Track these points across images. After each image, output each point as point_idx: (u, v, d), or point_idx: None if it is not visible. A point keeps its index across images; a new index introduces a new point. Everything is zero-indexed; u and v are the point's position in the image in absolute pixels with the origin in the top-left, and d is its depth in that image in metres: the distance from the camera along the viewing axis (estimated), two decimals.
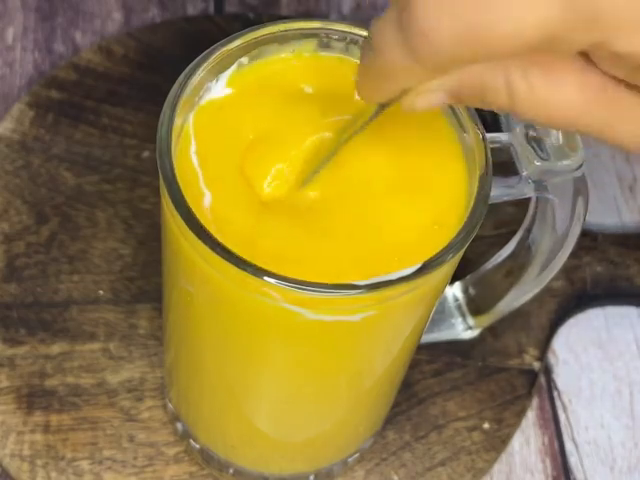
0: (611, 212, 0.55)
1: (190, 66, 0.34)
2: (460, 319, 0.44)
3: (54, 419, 0.46)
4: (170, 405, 0.45)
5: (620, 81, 0.28)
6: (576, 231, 0.38)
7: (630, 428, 0.49)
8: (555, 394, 0.49)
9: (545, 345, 0.50)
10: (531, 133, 0.34)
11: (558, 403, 0.49)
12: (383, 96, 0.29)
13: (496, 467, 0.47)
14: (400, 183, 0.34)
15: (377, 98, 0.30)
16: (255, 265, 0.30)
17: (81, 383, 0.47)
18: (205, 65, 0.34)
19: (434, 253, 0.31)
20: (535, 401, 0.49)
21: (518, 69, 0.28)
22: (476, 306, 0.44)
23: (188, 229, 0.31)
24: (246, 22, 0.57)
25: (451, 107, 0.34)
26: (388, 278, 0.31)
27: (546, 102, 0.28)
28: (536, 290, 0.42)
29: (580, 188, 0.36)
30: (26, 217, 0.50)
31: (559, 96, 0.28)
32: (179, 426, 0.45)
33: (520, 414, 0.48)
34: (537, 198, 0.37)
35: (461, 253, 0.32)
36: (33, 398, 0.46)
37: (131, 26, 0.58)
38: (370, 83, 0.29)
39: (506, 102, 0.28)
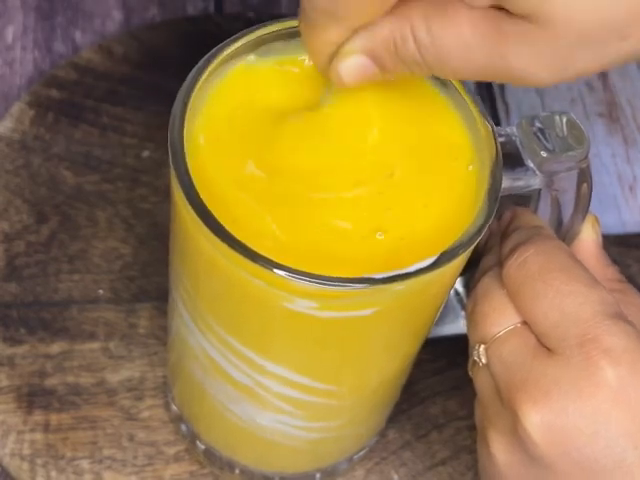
0: (611, 212, 0.55)
1: (196, 68, 0.34)
2: (462, 313, 0.44)
3: (54, 418, 0.46)
4: (173, 405, 0.45)
5: (502, 10, 0.29)
6: (580, 220, 0.38)
7: None
8: None
9: None
10: (537, 125, 0.34)
11: None
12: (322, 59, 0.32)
13: None
14: (411, 178, 0.34)
15: (319, 61, 0.32)
16: (266, 257, 0.30)
17: (81, 382, 0.47)
18: (212, 65, 0.34)
19: (448, 246, 0.31)
20: None
21: (420, 15, 0.29)
22: None
23: (203, 224, 0.31)
24: (246, 22, 0.57)
25: (461, 102, 0.35)
26: (404, 271, 0.31)
27: (443, 44, 0.29)
28: None
29: (585, 179, 0.36)
30: (26, 216, 0.50)
31: (454, 34, 0.29)
32: (183, 427, 0.45)
33: None
34: (541, 189, 0.37)
35: (474, 246, 0.32)
36: (33, 397, 0.46)
37: (131, 25, 0.58)
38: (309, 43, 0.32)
39: (415, 51, 0.30)
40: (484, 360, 0.35)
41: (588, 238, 0.39)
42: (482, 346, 0.35)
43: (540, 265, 0.34)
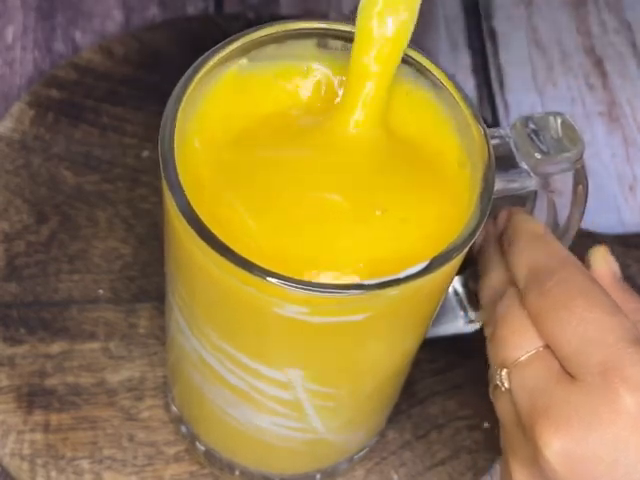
0: (611, 212, 0.55)
1: (189, 71, 0.34)
2: (461, 313, 0.44)
3: (54, 418, 0.46)
4: (173, 406, 0.45)
5: None
6: (577, 221, 0.38)
7: None
8: None
9: None
10: (531, 126, 0.34)
11: None
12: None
13: (496, 466, 0.47)
14: (403, 180, 0.34)
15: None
16: (259, 266, 0.30)
17: (81, 382, 0.47)
18: (204, 69, 0.34)
19: (440, 250, 0.31)
20: None
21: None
22: (477, 299, 0.44)
23: (193, 231, 0.31)
24: (246, 22, 0.58)
25: (454, 104, 0.34)
26: (396, 277, 0.31)
27: None
28: None
29: (580, 179, 0.36)
30: (26, 216, 0.50)
31: None
32: (183, 428, 0.45)
33: None
34: (537, 191, 0.37)
35: (466, 250, 0.32)
36: (33, 397, 0.46)
37: (131, 25, 0.58)
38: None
39: None
40: (507, 385, 0.35)
41: (601, 270, 0.39)
42: (504, 370, 0.35)
43: (563, 292, 0.34)
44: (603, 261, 0.39)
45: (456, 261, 0.32)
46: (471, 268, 0.44)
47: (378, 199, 0.33)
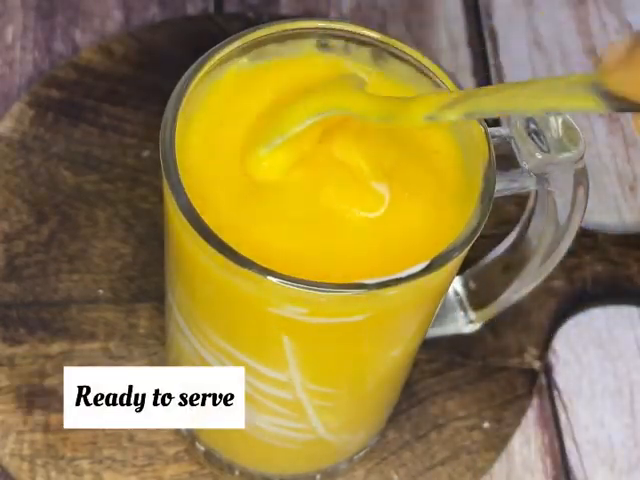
0: (611, 212, 0.55)
1: (189, 71, 0.34)
2: (461, 313, 0.44)
3: (54, 418, 0.46)
4: None
5: None
6: (577, 221, 0.38)
7: (630, 427, 0.49)
8: (555, 393, 0.49)
9: (545, 344, 0.50)
10: (531, 126, 0.34)
11: (558, 402, 0.49)
12: None
13: (496, 466, 0.47)
14: (402, 180, 0.33)
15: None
16: (259, 265, 0.30)
17: None
18: (203, 69, 0.34)
19: (441, 250, 0.31)
20: (535, 400, 0.49)
21: None
22: (477, 300, 0.44)
23: (193, 230, 0.31)
24: (246, 21, 0.57)
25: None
26: (396, 277, 0.31)
27: None
28: (537, 282, 0.41)
29: (581, 179, 0.36)
30: (26, 216, 0.50)
31: None
32: (183, 428, 0.45)
33: (520, 413, 0.48)
34: (537, 191, 0.37)
35: (467, 249, 0.32)
36: (33, 397, 0.46)
37: (131, 25, 0.58)
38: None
39: None
40: None
41: None
42: None
43: None
44: None
45: (456, 261, 0.32)
46: (471, 268, 0.44)
47: (377, 199, 0.33)
